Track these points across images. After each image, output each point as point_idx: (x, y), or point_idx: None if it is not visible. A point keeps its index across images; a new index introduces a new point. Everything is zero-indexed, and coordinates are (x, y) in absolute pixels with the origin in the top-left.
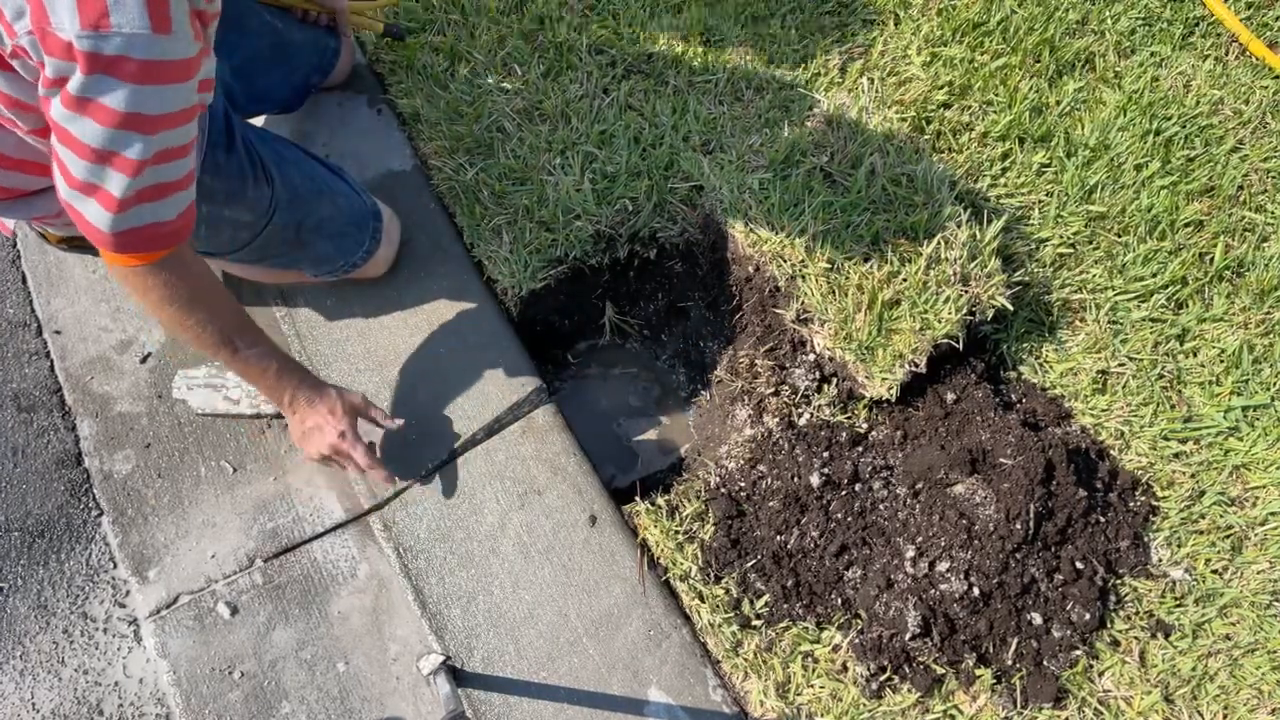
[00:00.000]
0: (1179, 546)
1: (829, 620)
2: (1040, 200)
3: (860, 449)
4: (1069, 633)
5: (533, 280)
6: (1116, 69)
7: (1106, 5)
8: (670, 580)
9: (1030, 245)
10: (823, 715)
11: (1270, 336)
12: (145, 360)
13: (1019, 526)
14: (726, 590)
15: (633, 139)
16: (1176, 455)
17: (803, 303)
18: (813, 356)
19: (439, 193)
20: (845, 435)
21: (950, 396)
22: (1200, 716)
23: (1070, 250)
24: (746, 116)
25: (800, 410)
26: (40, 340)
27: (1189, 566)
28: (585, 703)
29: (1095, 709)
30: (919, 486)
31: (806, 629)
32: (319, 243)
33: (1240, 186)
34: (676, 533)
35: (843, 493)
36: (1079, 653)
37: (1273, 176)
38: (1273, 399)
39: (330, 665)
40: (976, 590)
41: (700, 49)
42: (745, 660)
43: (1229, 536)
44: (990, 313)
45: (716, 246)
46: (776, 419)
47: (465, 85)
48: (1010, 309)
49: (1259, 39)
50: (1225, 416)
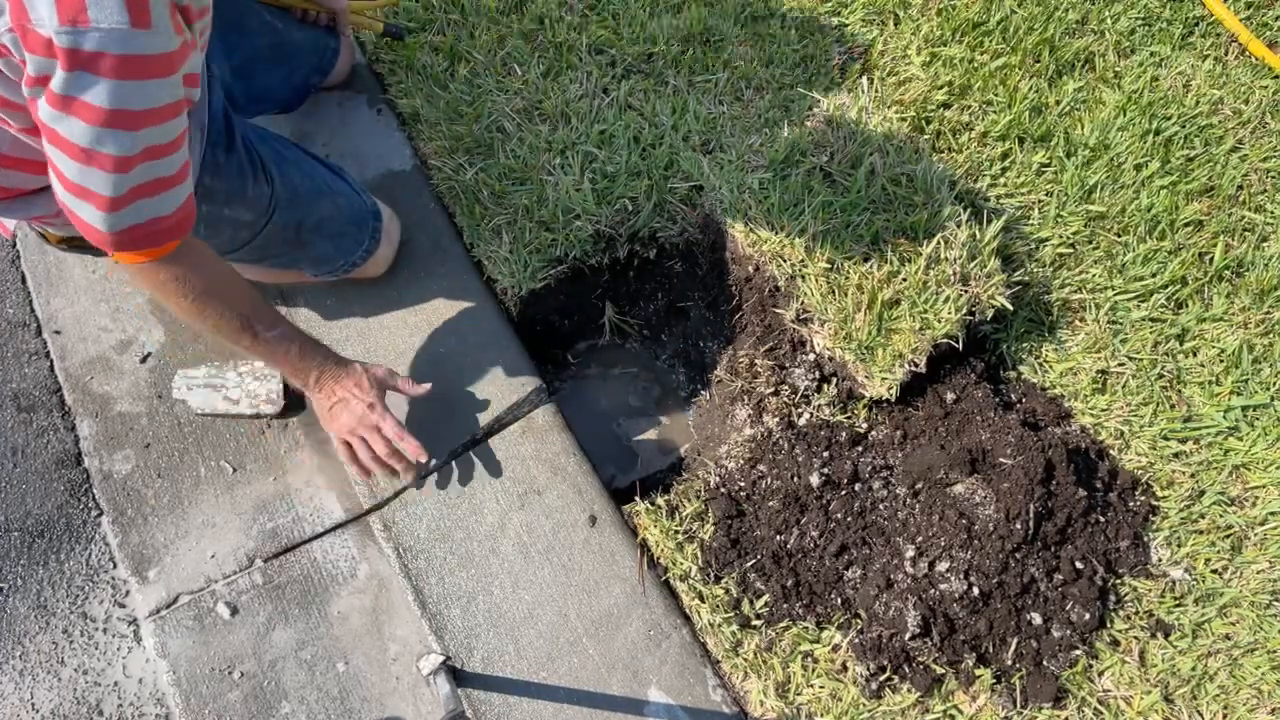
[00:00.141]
0: (1179, 546)
1: (829, 620)
2: (1040, 200)
3: (860, 449)
4: (1069, 632)
5: (533, 280)
6: (1116, 69)
7: (1106, 5)
8: (670, 580)
9: (1030, 245)
10: (823, 715)
11: (1270, 336)
12: (145, 360)
13: (1019, 526)
14: (726, 590)
15: (633, 139)
16: (1176, 455)
17: (803, 303)
18: (813, 356)
19: (439, 193)
20: (845, 435)
21: (950, 396)
22: (1200, 716)
23: (1070, 250)
24: (746, 116)
25: (800, 410)
26: (40, 340)
27: (1189, 566)
28: (585, 703)
29: (1095, 709)
30: (919, 486)
31: (806, 629)
32: (319, 242)
33: (1240, 186)
34: (676, 533)
35: (843, 492)
36: (1079, 652)
37: (1272, 176)
38: (1272, 399)
39: (330, 665)
40: (976, 590)
41: (700, 49)
42: (745, 660)
43: (1229, 536)
44: (990, 312)
45: (716, 246)
46: (776, 419)
47: (465, 85)
48: (1010, 309)
49: (1259, 39)
50: (1225, 416)
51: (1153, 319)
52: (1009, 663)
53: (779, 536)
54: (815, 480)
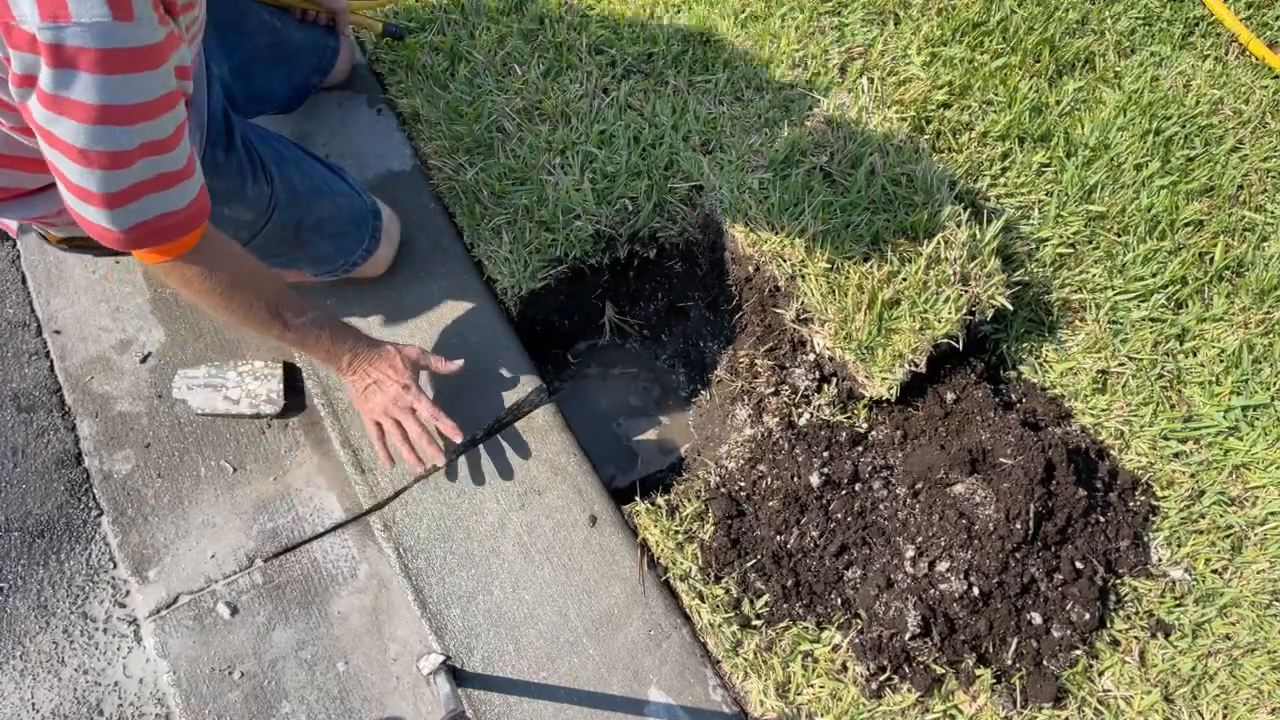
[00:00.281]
0: (1179, 546)
1: (829, 620)
2: (1040, 200)
3: (860, 449)
4: (1069, 632)
5: (533, 280)
6: (1116, 69)
7: (1106, 5)
8: (670, 580)
9: (1030, 245)
10: (823, 715)
11: (1270, 336)
12: (145, 360)
13: (1019, 526)
14: (726, 590)
15: (633, 139)
16: (1176, 455)
17: (803, 303)
18: (813, 356)
19: (439, 192)
20: (845, 435)
21: (950, 396)
22: (1200, 716)
23: (1070, 250)
24: (746, 116)
25: (800, 410)
26: (40, 340)
27: (1189, 566)
28: (585, 703)
29: (1095, 709)
30: (919, 486)
31: (806, 629)
32: (318, 242)
33: (1240, 186)
34: (676, 533)
35: (843, 492)
36: (1079, 652)
37: (1273, 176)
38: (1273, 399)
39: (330, 665)
40: (976, 590)
41: (700, 49)
42: (745, 660)
43: (1229, 536)
44: (990, 312)
45: (716, 246)
46: (776, 419)
47: (465, 85)
48: (1010, 309)
49: (1259, 39)
50: (1225, 416)
51: (1153, 319)
52: (1009, 663)
53: (779, 536)
54: (815, 480)
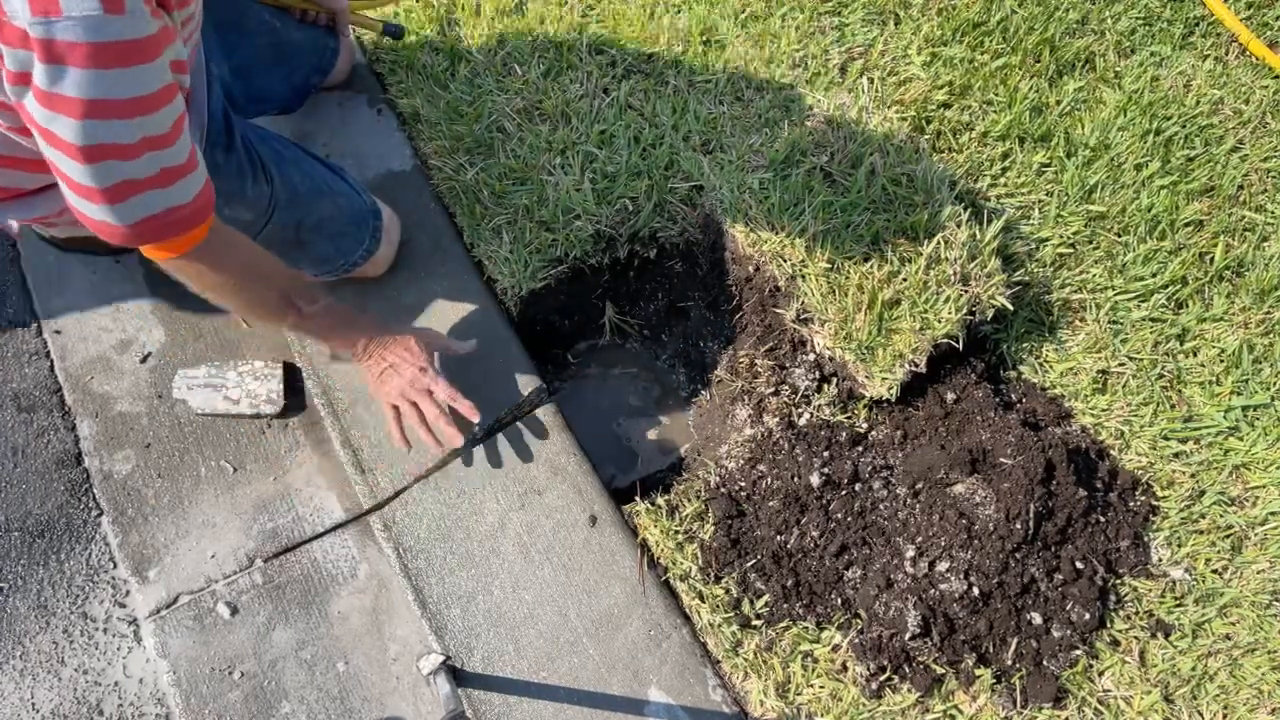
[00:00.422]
0: (1179, 546)
1: (829, 620)
2: (1040, 200)
3: (860, 449)
4: (1069, 632)
5: (533, 280)
6: (1116, 69)
7: (1106, 5)
8: (670, 580)
9: (1030, 245)
10: (823, 715)
11: (1270, 336)
12: (145, 360)
13: (1019, 526)
14: (726, 590)
15: (633, 139)
16: (1176, 455)
17: (803, 303)
18: (813, 356)
19: (439, 193)
20: (845, 435)
21: (950, 396)
22: (1200, 716)
23: (1070, 250)
24: (746, 116)
25: (800, 410)
26: (40, 340)
27: (1189, 566)
28: (585, 703)
29: (1095, 709)
30: (919, 486)
31: (806, 629)
32: (318, 242)
33: (1240, 186)
34: (676, 533)
35: (843, 492)
36: (1079, 652)
37: (1273, 176)
38: (1273, 399)
39: (330, 665)
40: (976, 590)
41: (700, 49)
42: (745, 660)
43: (1229, 536)
44: (990, 312)
45: (716, 246)
46: (776, 419)
47: (465, 85)
48: (1010, 309)
49: (1259, 39)
50: (1225, 416)
51: (1153, 319)
52: (1009, 663)
53: (779, 536)
54: (815, 480)
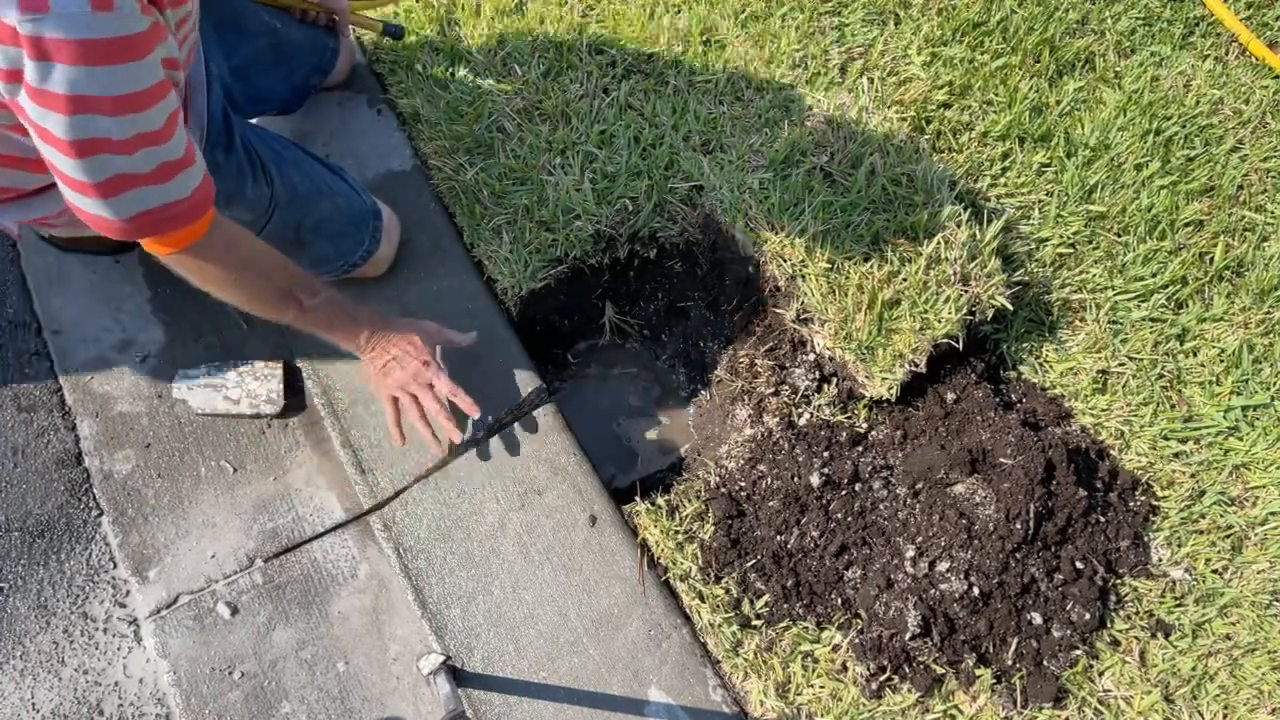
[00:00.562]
0: (1179, 546)
1: (829, 620)
2: (1040, 200)
3: (860, 449)
4: (1069, 632)
5: (533, 280)
6: (1116, 69)
7: (1106, 5)
8: (670, 580)
9: (1030, 245)
10: (823, 715)
11: (1270, 336)
12: (145, 360)
13: (1019, 526)
14: (726, 590)
15: (633, 139)
16: (1176, 455)
17: (803, 303)
18: (813, 356)
19: (439, 193)
20: (845, 435)
21: (950, 396)
22: (1200, 716)
23: (1070, 250)
24: (746, 116)
25: (800, 410)
26: (40, 340)
27: (1189, 566)
28: (585, 703)
29: (1095, 709)
30: (919, 486)
31: (806, 629)
32: (318, 243)
33: (1240, 186)
34: (676, 533)
35: (843, 492)
36: (1079, 652)
37: (1273, 176)
38: (1273, 399)
39: (330, 665)
40: (976, 590)
41: (700, 49)
42: (745, 660)
43: (1229, 536)
44: (990, 312)
45: (716, 246)
46: (776, 419)
47: (465, 85)
48: (1010, 309)
49: (1259, 39)
50: (1225, 416)
51: (1153, 319)
52: (1009, 663)
53: (779, 536)
54: (815, 480)
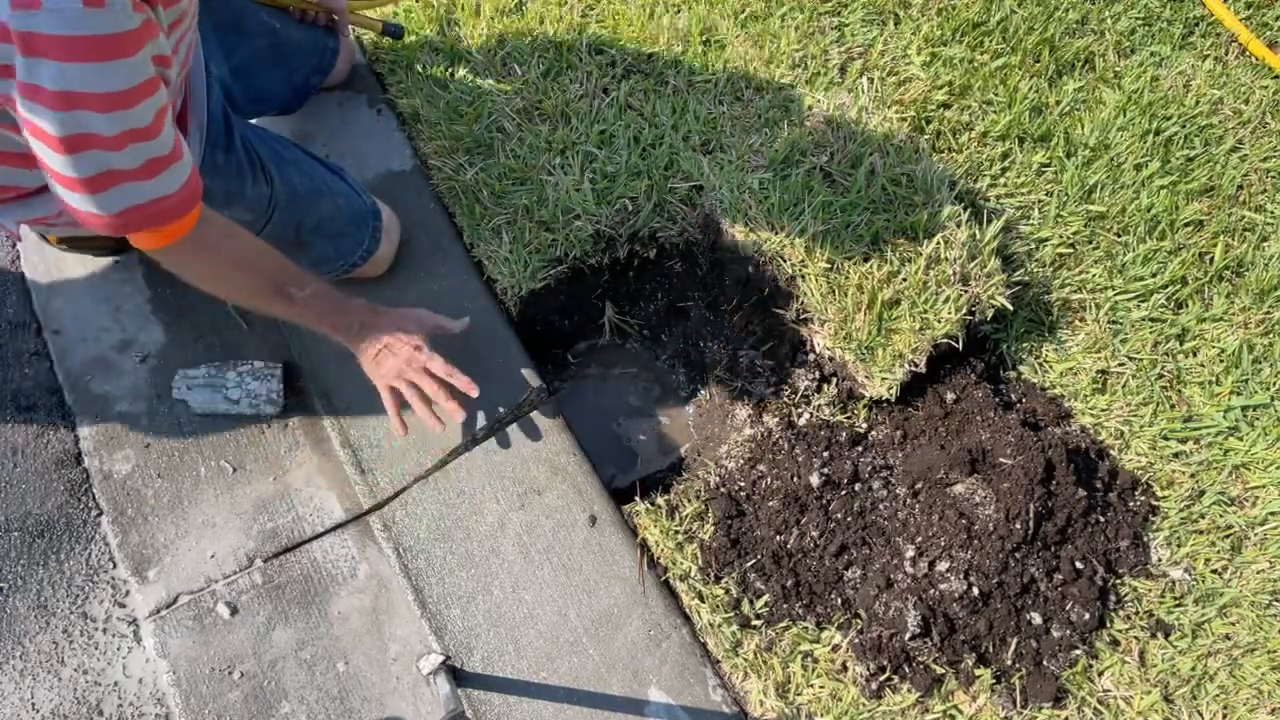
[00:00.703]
0: (1179, 546)
1: (829, 620)
2: (1040, 200)
3: (860, 449)
4: (1069, 632)
5: (532, 280)
6: (1116, 69)
7: (1106, 5)
8: (670, 580)
9: (1030, 245)
10: (823, 715)
11: (1270, 336)
12: (145, 360)
13: (1019, 526)
14: (726, 590)
15: (632, 139)
16: (1176, 455)
17: (803, 303)
18: (813, 356)
19: (439, 193)
20: (845, 435)
21: (950, 396)
22: (1200, 716)
23: (1070, 250)
24: (746, 116)
25: (800, 410)
26: (40, 340)
27: (1189, 566)
28: (585, 703)
29: (1095, 709)
30: (919, 486)
31: (806, 629)
32: (318, 243)
33: (1240, 186)
34: (676, 533)
35: (843, 492)
36: (1079, 652)
37: (1272, 176)
38: (1273, 399)
39: (330, 665)
40: (976, 590)
41: (700, 49)
42: (745, 660)
43: (1229, 536)
44: (990, 312)
45: (716, 246)
46: (776, 419)
47: (465, 85)
48: (1010, 309)
49: (1259, 39)
50: (1225, 416)
51: (1153, 319)
52: (1009, 663)
53: (779, 536)
54: (815, 480)
